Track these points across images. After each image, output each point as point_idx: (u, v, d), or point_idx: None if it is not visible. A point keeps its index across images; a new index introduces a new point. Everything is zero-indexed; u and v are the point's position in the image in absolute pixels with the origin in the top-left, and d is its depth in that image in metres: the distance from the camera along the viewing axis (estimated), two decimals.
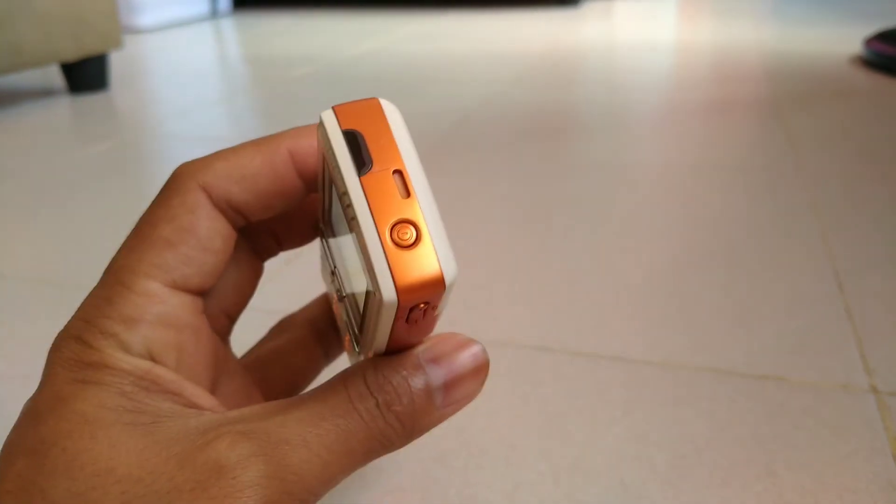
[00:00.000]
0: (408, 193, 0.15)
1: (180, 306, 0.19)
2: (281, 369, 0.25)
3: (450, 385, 0.19)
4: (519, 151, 0.78)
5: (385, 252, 0.15)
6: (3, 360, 0.42)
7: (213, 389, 0.21)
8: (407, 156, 0.16)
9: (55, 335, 0.19)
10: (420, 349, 0.19)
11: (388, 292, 0.15)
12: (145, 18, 1.91)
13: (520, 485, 0.31)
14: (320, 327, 0.26)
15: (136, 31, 1.90)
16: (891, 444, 0.33)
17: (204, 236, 0.19)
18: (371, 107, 0.16)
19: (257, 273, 0.24)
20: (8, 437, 0.18)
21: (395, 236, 0.15)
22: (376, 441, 0.18)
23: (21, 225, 0.62)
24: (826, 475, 0.31)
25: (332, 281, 0.22)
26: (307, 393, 0.19)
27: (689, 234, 0.56)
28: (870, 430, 0.34)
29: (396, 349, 0.18)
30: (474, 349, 0.19)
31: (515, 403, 0.36)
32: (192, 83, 1.21)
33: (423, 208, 0.15)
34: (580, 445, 0.33)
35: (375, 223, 0.15)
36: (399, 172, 0.15)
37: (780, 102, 0.95)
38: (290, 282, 0.50)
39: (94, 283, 0.20)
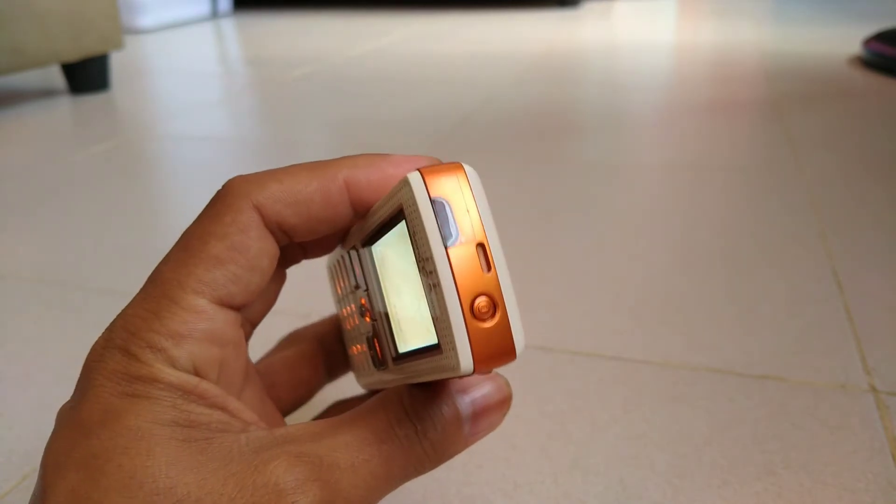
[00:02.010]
0: (489, 268, 0.16)
1: (224, 322, 0.19)
2: (287, 378, 0.26)
3: (477, 415, 0.20)
4: (519, 152, 0.78)
5: (466, 325, 0.16)
6: (3, 360, 0.42)
7: (238, 396, 0.22)
8: (489, 229, 0.16)
9: (56, 335, 0.19)
10: (454, 383, 0.20)
11: (466, 363, 0.16)
12: (146, 19, 1.92)
13: (520, 485, 0.31)
14: (327, 344, 0.27)
15: (137, 31, 1.90)
16: (890, 443, 0.33)
17: (253, 256, 0.19)
18: (456, 174, 0.17)
19: (282, 281, 0.24)
20: (51, 447, 0.17)
21: (475, 309, 0.16)
22: (411, 465, 0.19)
23: (21, 225, 0.62)
24: (825, 475, 0.31)
25: (353, 293, 0.23)
26: (349, 415, 0.19)
27: (688, 233, 0.56)
28: (869, 429, 0.34)
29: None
30: (499, 382, 0.21)
31: (515, 403, 0.36)
32: (193, 84, 1.22)
33: (501, 282, 0.16)
34: (580, 445, 0.33)
35: (459, 296, 0.16)
36: (481, 246, 0.16)
37: (780, 102, 0.95)
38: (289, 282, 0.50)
39: (94, 283, 0.20)
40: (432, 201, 0.16)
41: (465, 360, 0.16)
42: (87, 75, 1.14)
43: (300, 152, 0.81)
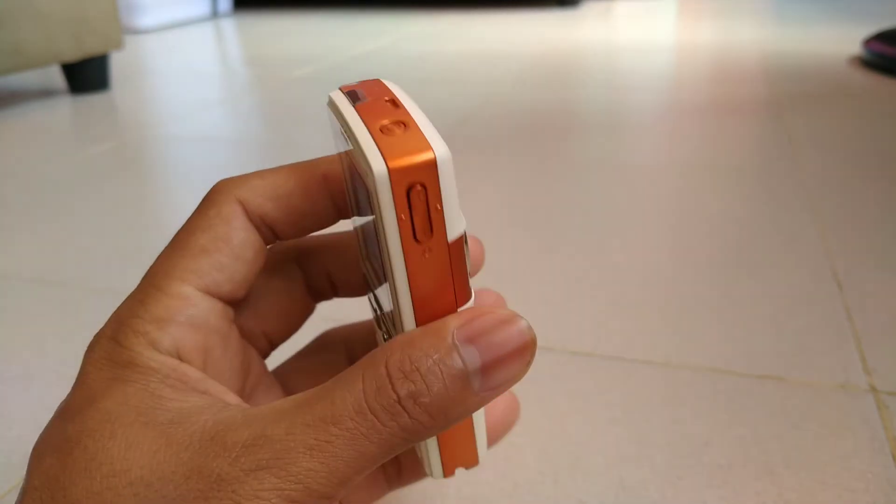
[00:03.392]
0: (397, 107, 0.16)
1: (210, 310, 0.20)
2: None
3: (488, 368, 0.17)
4: (519, 152, 0.78)
5: (374, 139, 0.15)
6: (3, 360, 0.42)
7: (244, 399, 0.21)
8: (403, 98, 0.17)
9: (56, 335, 0.20)
10: (454, 325, 0.17)
11: (379, 168, 0.15)
12: (146, 19, 1.92)
13: (520, 485, 0.31)
14: (357, 354, 0.26)
15: (137, 31, 1.90)
16: (890, 443, 0.33)
17: (237, 245, 0.20)
18: (373, 80, 0.18)
19: (306, 309, 0.24)
20: (40, 436, 0.18)
21: (383, 128, 0.16)
22: (397, 438, 0.17)
23: (21, 225, 0.62)
24: (825, 475, 0.31)
25: (374, 313, 0.22)
26: (329, 384, 0.17)
27: (688, 233, 0.56)
28: (869, 429, 0.34)
29: (423, 309, 0.17)
30: (517, 325, 0.17)
31: None
32: (193, 84, 1.22)
33: (413, 113, 0.16)
34: (580, 445, 0.33)
35: (366, 124, 0.16)
36: (392, 100, 0.17)
37: (780, 102, 0.95)
38: None
39: (94, 283, 0.20)
40: (347, 93, 0.17)
41: (377, 164, 0.15)
42: (87, 75, 1.14)
43: (300, 152, 0.81)
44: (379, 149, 0.15)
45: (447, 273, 0.17)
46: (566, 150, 0.78)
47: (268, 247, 0.22)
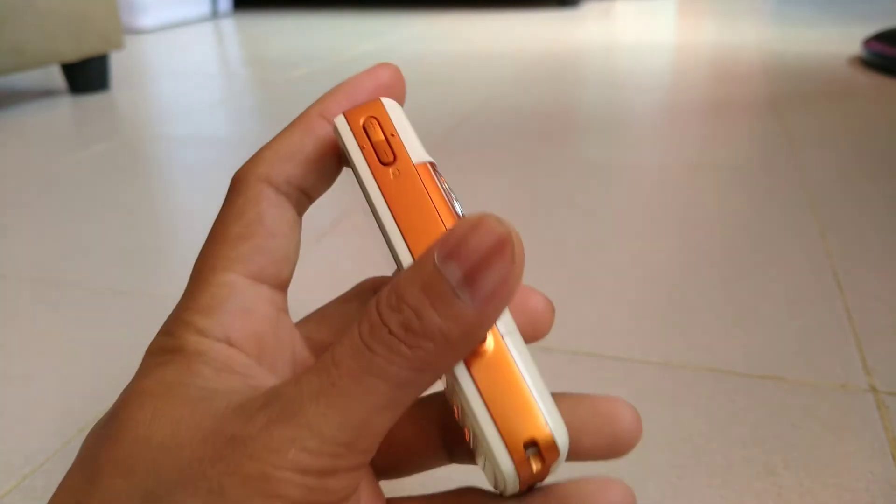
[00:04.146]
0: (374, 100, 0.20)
1: (257, 297, 0.20)
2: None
3: (470, 276, 0.16)
4: (518, 152, 0.78)
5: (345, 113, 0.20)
6: (4, 360, 0.42)
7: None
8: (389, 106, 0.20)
9: (55, 334, 0.20)
10: (436, 247, 0.16)
11: (339, 116, 0.20)
12: (146, 19, 1.92)
13: None
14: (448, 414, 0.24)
15: (137, 31, 1.90)
16: (889, 443, 0.33)
17: (270, 224, 0.20)
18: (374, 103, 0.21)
19: None
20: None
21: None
22: (404, 370, 0.16)
23: (21, 225, 0.62)
24: (825, 474, 0.31)
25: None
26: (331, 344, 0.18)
27: (688, 233, 0.56)
28: (868, 429, 0.34)
29: (413, 235, 0.18)
30: (487, 224, 0.16)
31: None
32: (193, 84, 1.22)
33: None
34: None
35: (348, 123, 0.20)
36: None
37: (780, 102, 0.95)
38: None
39: (94, 283, 0.21)
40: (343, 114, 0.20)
41: (338, 116, 0.20)
42: (87, 75, 1.14)
43: None
44: (343, 113, 0.20)
45: (423, 194, 0.19)
46: (566, 150, 0.78)
47: (359, 283, 0.23)
